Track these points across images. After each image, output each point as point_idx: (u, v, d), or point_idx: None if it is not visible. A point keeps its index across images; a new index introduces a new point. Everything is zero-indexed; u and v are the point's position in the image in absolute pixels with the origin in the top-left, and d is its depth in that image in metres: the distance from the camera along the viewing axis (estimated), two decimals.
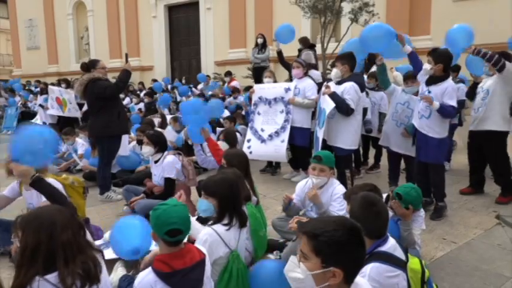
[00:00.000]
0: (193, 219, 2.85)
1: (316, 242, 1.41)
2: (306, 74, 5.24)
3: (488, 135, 4.16)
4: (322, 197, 3.10)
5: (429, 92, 3.80)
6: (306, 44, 7.32)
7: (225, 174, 2.55)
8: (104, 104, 4.53)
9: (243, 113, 7.18)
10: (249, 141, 5.47)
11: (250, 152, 5.43)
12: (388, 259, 1.86)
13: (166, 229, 1.85)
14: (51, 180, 3.01)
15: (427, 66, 3.78)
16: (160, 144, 4.03)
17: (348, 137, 4.13)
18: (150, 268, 1.89)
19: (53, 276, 1.60)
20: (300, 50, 7.29)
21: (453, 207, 4.05)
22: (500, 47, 4.08)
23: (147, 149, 3.99)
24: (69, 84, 9.84)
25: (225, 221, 2.41)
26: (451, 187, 4.48)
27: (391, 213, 2.65)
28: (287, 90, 5.18)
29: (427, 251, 3.13)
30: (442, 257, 3.09)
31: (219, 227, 2.37)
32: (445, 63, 3.76)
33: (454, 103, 3.74)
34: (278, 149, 5.14)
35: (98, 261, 1.76)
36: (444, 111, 3.72)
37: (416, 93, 4.32)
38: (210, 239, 2.30)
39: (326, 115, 4.05)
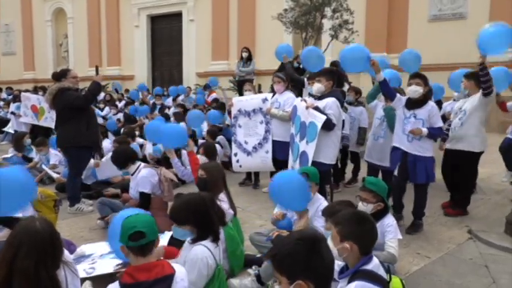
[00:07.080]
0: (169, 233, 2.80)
1: (275, 262, 1.46)
2: (287, 88, 5.28)
3: (462, 154, 4.23)
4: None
5: (415, 116, 3.85)
6: None
7: (189, 198, 2.50)
8: (73, 115, 4.43)
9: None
10: (236, 155, 5.45)
11: (240, 166, 5.44)
12: (373, 278, 1.87)
13: (128, 234, 1.87)
14: None
15: (417, 89, 3.80)
16: (123, 160, 3.91)
17: (329, 152, 4.12)
18: (117, 281, 1.90)
19: None
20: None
21: (427, 222, 4.12)
22: (473, 66, 4.21)
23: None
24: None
25: (211, 238, 2.44)
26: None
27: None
28: (264, 100, 5.20)
29: (402, 266, 3.16)
30: (417, 271, 3.13)
31: (209, 243, 2.40)
32: (429, 86, 3.90)
33: (441, 123, 3.91)
34: (264, 160, 5.16)
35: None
36: (434, 135, 3.87)
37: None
38: (208, 258, 2.32)
39: (319, 128, 3.91)
